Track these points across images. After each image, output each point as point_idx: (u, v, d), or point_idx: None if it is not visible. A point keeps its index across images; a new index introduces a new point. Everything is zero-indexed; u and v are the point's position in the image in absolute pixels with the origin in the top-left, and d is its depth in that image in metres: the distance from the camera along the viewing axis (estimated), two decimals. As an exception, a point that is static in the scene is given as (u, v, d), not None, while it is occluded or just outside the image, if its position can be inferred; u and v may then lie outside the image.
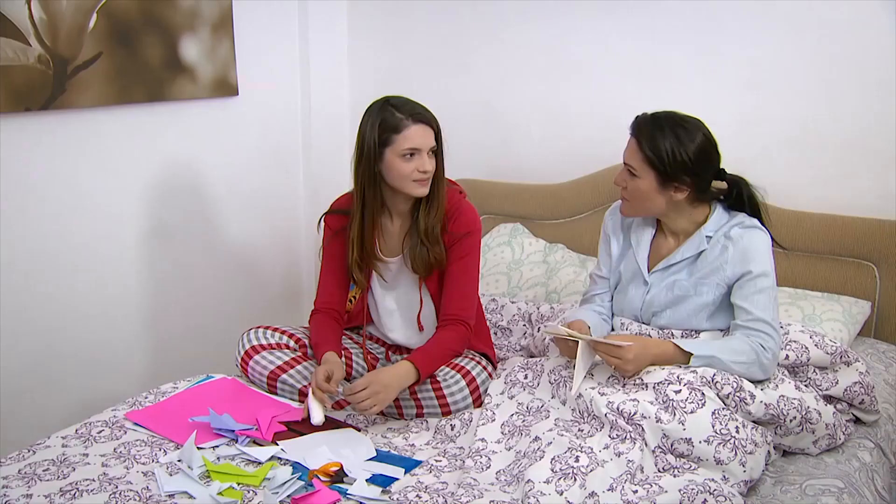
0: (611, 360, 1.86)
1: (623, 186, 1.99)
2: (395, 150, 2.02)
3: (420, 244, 2.12)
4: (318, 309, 2.24)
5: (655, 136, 1.90)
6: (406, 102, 2.06)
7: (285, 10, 3.12)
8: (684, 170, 1.90)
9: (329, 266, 2.24)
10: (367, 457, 1.85)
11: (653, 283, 2.04)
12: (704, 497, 1.59)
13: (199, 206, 2.92)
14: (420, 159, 2.03)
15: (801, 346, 1.98)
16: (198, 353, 2.88)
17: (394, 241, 2.19)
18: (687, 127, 1.91)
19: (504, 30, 3.02)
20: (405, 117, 2.02)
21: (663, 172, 1.91)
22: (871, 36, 2.43)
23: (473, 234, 2.16)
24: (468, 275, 2.17)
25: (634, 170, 1.94)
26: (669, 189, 1.94)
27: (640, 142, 1.93)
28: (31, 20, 2.28)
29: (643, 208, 2.00)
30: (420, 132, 2.02)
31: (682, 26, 2.70)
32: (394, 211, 2.17)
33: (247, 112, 3.01)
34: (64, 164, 2.46)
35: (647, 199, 1.96)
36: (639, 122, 1.96)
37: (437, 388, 2.07)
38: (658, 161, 1.90)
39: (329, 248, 2.23)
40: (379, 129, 2.03)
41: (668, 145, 1.89)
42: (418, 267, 2.13)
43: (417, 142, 2.02)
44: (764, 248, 1.94)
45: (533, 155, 3.06)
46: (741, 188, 1.99)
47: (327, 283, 2.25)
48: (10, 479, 1.71)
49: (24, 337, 2.43)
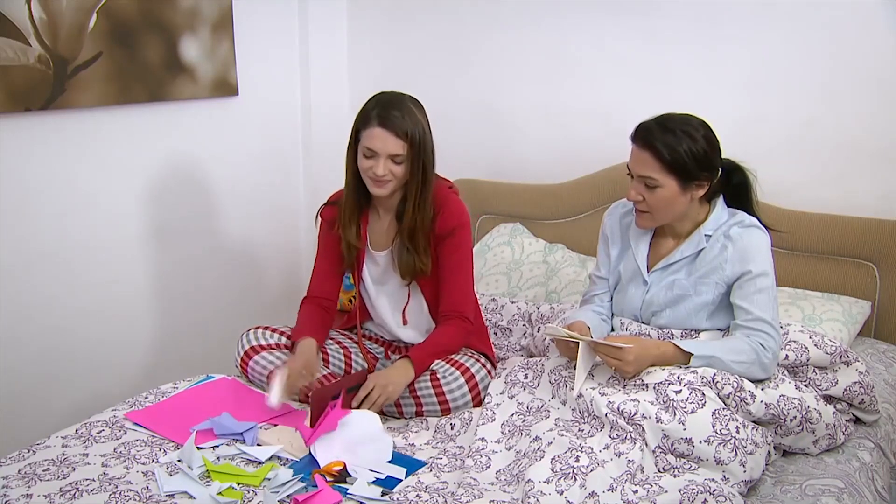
0: (611, 361, 1.86)
1: (640, 200, 1.95)
2: (360, 144, 2.06)
3: (406, 251, 2.13)
4: (309, 297, 2.28)
5: (670, 141, 1.88)
6: (389, 102, 2.05)
7: (285, 10, 3.12)
8: (703, 165, 1.90)
9: (323, 256, 2.27)
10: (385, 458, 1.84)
11: (652, 283, 2.04)
12: (704, 497, 1.59)
13: (199, 205, 2.92)
14: (376, 162, 2.03)
15: (800, 346, 1.98)
16: (198, 353, 2.88)
17: (381, 235, 2.21)
18: (690, 122, 1.91)
19: (504, 30, 3.02)
20: (373, 117, 2.03)
21: (685, 174, 1.89)
22: (872, 36, 2.43)
23: (462, 227, 2.16)
24: (462, 269, 2.17)
25: (654, 180, 1.90)
26: (691, 189, 1.93)
27: (656, 150, 1.88)
28: (31, 20, 2.28)
29: (666, 216, 1.97)
30: (380, 136, 2.02)
31: (682, 26, 2.70)
32: (379, 204, 2.19)
33: (247, 112, 3.01)
34: (64, 164, 2.46)
35: (671, 204, 1.94)
36: (645, 131, 1.92)
37: (437, 386, 2.07)
38: (680, 165, 1.88)
39: (324, 238, 2.26)
40: (357, 119, 2.08)
41: (686, 146, 1.87)
42: (404, 272, 2.16)
43: (374, 144, 2.02)
44: (763, 247, 1.94)
45: (533, 155, 3.06)
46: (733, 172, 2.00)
47: (320, 272, 2.28)
48: (10, 479, 1.71)
49: (25, 337, 2.43)
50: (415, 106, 2.08)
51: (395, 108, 2.03)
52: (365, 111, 2.06)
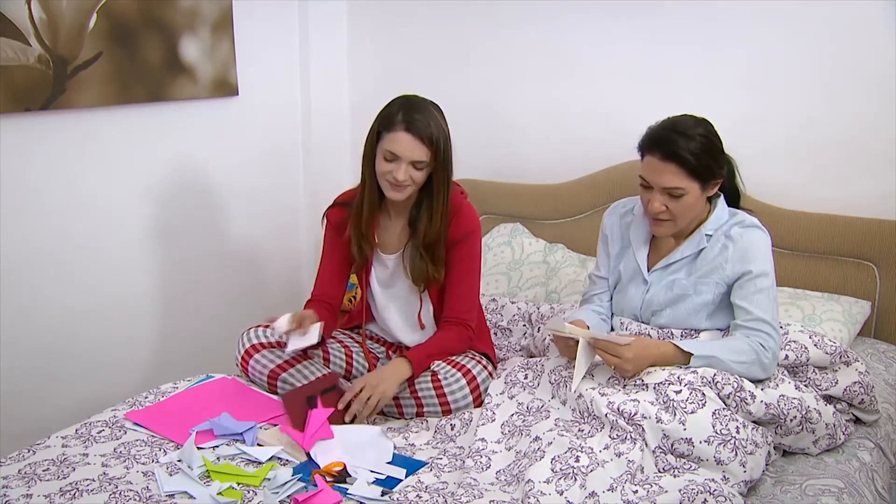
0: (610, 359, 1.86)
1: (663, 210, 1.93)
2: (381, 146, 2.04)
3: (420, 257, 2.12)
4: (314, 299, 2.26)
5: (692, 147, 1.87)
6: (415, 107, 2.03)
7: (285, 10, 3.12)
8: (719, 162, 1.92)
9: (328, 259, 2.25)
10: (386, 459, 1.84)
11: (652, 282, 2.04)
12: (704, 497, 1.59)
13: (199, 205, 2.92)
14: (398, 166, 2.01)
15: (800, 346, 1.98)
16: (198, 353, 2.88)
17: (392, 239, 2.20)
18: (691, 123, 1.92)
19: (504, 30, 3.02)
20: (400, 121, 2.01)
21: (708, 176, 1.90)
22: (872, 36, 2.43)
23: (473, 234, 2.16)
24: (470, 277, 2.17)
25: (681, 189, 1.88)
26: (708, 188, 1.93)
27: (682, 160, 1.86)
28: (31, 20, 2.28)
29: (686, 220, 1.96)
30: (405, 140, 2.00)
31: (682, 26, 2.69)
32: (391, 207, 2.17)
33: (247, 112, 3.01)
34: (64, 165, 2.46)
35: (693, 208, 1.94)
36: (665, 142, 1.89)
37: (438, 387, 2.07)
38: (703, 167, 1.88)
39: (330, 241, 2.24)
40: (379, 121, 2.05)
41: (703, 148, 1.87)
42: (417, 279, 2.14)
43: (398, 148, 2.01)
44: (764, 247, 1.94)
45: (533, 155, 3.05)
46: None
47: (325, 275, 2.26)
48: (10, 479, 1.71)
49: (25, 337, 2.43)
50: (438, 112, 2.07)
51: (421, 112, 2.02)
52: (389, 114, 2.03)
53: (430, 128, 2.01)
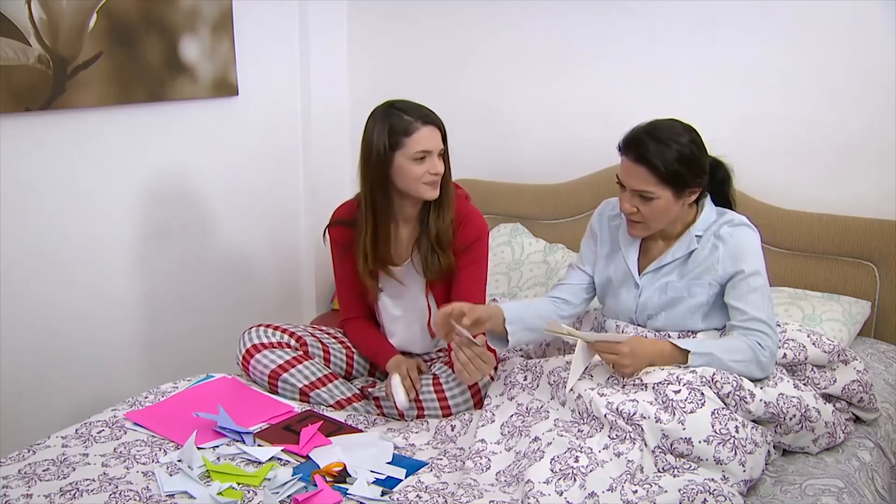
0: (608, 357, 1.86)
1: (634, 212, 1.94)
2: (405, 153, 2.02)
3: (431, 251, 2.11)
4: (347, 318, 2.27)
5: (664, 153, 1.86)
6: (412, 105, 2.05)
7: (285, 10, 3.12)
8: (696, 172, 1.90)
9: (344, 280, 2.25)
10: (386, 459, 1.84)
11: (644, 286, 2.03)
12: (704, 497, 1.59)
13: (199, 205, 2.92)
14: (431, 161, 2.03)
15: (798, 345, 1.98)
16: (198, 353, 2.88)
17: (402, 248, 2.19)
18: (675, 129, 1.91)
19: (504, 30, 3.02)
20: (414, 120, 2.01)
21: (681, 184, 1.89)
22: (872, 36, 2.43)
23: (481, 240, 2.17)
24: (477, 281, 2.17)
25: (650, 193, 1.89)
26: (684, 196, 1.92)
27: (651, 165, 1.86)
28: (31, 20, 2.28)
29: (660, 224, 1.96)
30: (430, 134, 2.02)
31: (682, 26, 2.70)
32: (401, 217, 2.16)
33: (247, 112, 3.01)
34: (64, 164, 2.46)
35: (667, 213, 1.93)
36: (637, 145, 1.89)
37: (439, 390, 2.07)
38: (675, 175, 1.87)
39: (339, 259, 2.24)
40: (388, 134, 2.02)
41: (678, 156, 1.86)
42: (432, 273, 2.13)
43: (428, 144, 2.01)
44: (754, 245, 1.94)
45: (533, 155, 3.06)
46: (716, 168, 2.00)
47: (345, 293, 2.27)
48: (10, 479, 1.71)
49: (24, 337, 2.43)
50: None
51: (420, 106, 2.05)
52: (396, 121, 2.01)
53: (437, 116, 2.06)
